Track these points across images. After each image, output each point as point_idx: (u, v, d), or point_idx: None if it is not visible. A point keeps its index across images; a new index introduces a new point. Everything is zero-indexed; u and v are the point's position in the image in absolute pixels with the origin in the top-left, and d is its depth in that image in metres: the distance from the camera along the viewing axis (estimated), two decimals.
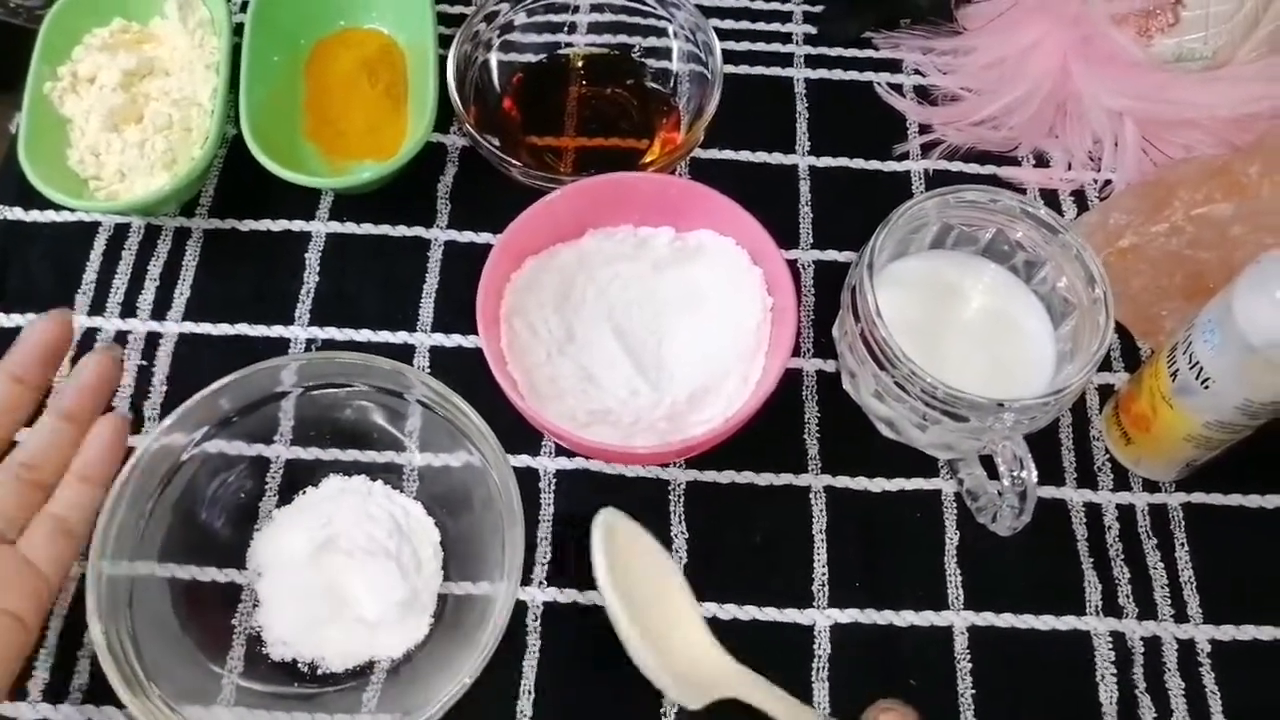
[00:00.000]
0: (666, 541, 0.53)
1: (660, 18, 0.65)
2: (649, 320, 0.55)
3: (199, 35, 0.63)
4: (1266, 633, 0.52)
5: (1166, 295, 0.57)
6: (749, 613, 0.52)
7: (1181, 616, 0.52)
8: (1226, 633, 0.52)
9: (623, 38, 0.67)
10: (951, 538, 0.54)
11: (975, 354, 0.52)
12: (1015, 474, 0.47)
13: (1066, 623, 0.52)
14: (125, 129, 0.60)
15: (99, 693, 0.49)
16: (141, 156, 0.59)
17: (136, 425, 0.55)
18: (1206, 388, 0.47)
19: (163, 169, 0.59)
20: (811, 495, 0.55)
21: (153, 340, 0.58)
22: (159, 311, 0.59)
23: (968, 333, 0.53)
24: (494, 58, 0.64)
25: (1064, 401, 0.48)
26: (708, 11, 0.69)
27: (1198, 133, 0.61)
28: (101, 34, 0.62)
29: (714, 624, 0.51)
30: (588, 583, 0.52)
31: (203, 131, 0.60)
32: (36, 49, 0.61)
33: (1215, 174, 0.56)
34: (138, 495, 0.48)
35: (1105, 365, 0.58)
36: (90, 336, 0.58)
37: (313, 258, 0.61)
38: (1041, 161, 0.65)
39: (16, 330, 0.56)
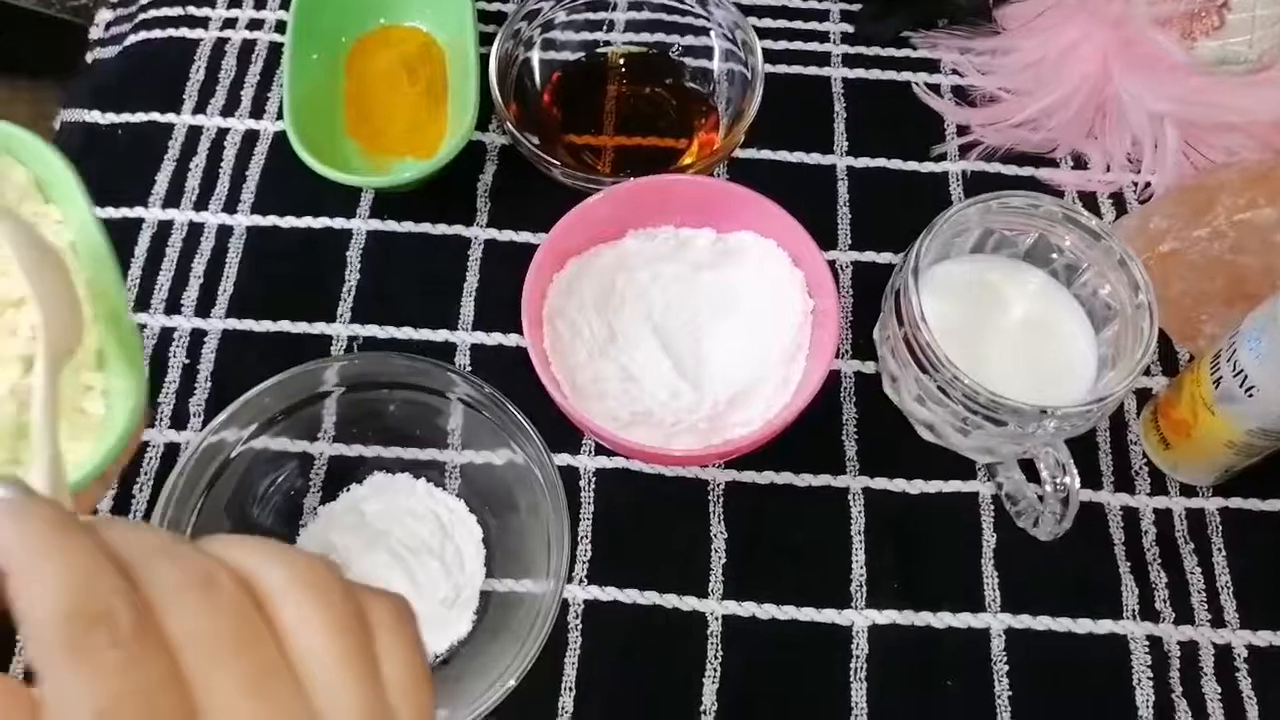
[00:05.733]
0: (706, 541, 0.53)
1: (699, 16, 0.65)
2: (688, 321, 0.56)
3: (29, 208, 0.39)
4: None
5: (1207, 300, 0.57)
6: (787, 613, 0.52)
7: (1218, 621, 0.52)
8: (1264, 638, 0.52)
9: (660, 36, 0.67)
10: (989, 540, 0.54)
11: (1016, 359, 0.52)
12: (1058, 480, 0.47)
13: (1103, 626, 0.52)
14: None
15: None
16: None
17: (180, 422, 0.56)
18: (1251, 396, 0.47)
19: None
20: (850, 497, 0.55)
21: (197, 337, 0.58)
22: (203, 309, 0.59)
23: (1009, 337, 0.54)
24: (535, 56, 0.65)
25: (1107, 408, 0.48)
26: (744, 10, 0.69)
27: (1240, 137, 0.60)
28: None
29: (753, 623, 0.52)
30: (629, 580, 0.53)
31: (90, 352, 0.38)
32: None
33: (1259, 179, 0.55)
34: (187, 493, 0.48)
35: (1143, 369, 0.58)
36: None
37: (354, 255, 0.61)
38: (1080, 163, 0.65)
39: None
